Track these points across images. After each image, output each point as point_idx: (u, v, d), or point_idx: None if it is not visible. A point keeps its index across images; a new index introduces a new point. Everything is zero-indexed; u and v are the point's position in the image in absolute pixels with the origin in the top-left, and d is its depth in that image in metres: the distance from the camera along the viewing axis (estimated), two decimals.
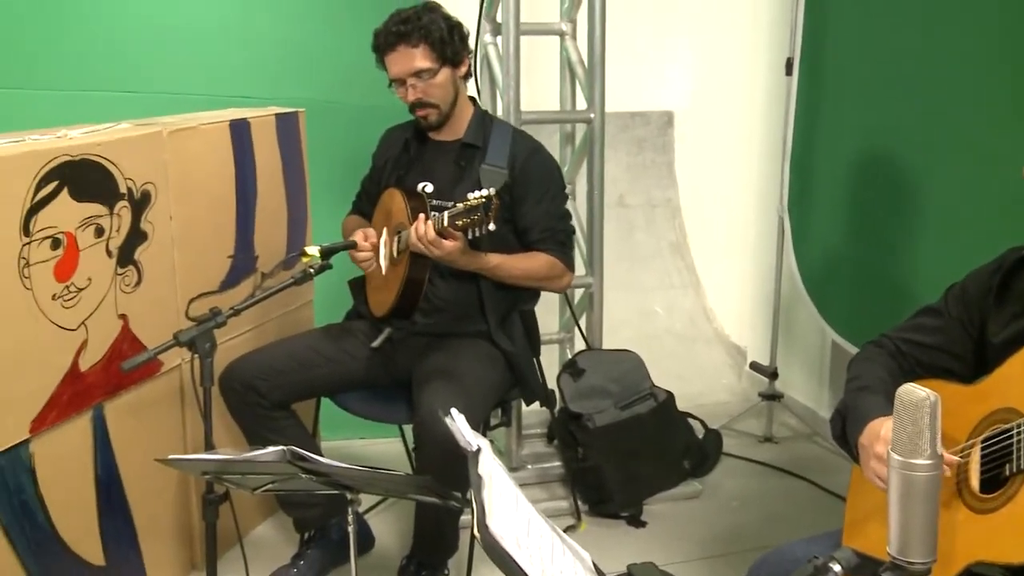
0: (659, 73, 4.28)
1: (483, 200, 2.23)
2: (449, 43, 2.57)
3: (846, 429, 1.72)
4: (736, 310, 4.35)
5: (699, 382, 4.08)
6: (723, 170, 4.32)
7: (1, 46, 3.19)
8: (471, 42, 2.70)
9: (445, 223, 2.32)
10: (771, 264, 3.69)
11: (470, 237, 2.33)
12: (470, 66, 2.69)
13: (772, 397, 3.74)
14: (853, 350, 2.46)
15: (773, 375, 3.74)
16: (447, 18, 2.60)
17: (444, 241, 2.36)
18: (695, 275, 4.44)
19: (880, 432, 1.60)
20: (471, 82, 2.82)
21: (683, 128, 4.38)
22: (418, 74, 2.56)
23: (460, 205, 2.28)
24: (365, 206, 2.90)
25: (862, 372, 1.77)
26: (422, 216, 2.40)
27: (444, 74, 2.58)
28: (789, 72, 3.42)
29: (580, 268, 3.20)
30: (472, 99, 2.75)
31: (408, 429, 2.67)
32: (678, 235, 4.43)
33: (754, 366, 3.87)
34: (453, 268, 2.52)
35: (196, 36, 3.35)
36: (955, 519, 1.51)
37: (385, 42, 2.56)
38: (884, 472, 1.46)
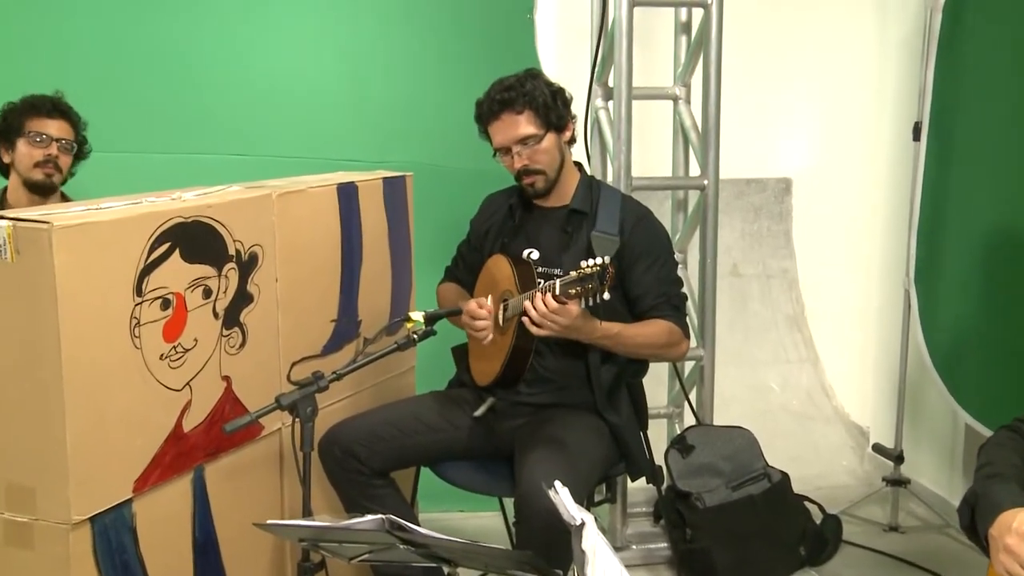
0: (776, 138, 4.27)
1: (598, 268, 2.22)
2: (553, 108, 2.61)
3: (975, 519, 1.67)
4: (857, 387, 4.24)
5: (817, 463, 4.00)
6: (844, 239, 4.26)
7: (122, 111, 3.37)
8: (582, 107, 2.75)
9: (557, 291, 2.31)
10: (896, 339, 3.60)
11: (583, 308, 2.34)
12: (574, 131, 2.73)
13: (898, 482, 3.63)
14: (988, 434, 2.38)
15: (899, 458, 3.62)
16: (549, 84, 2.65)
17: (567, 306, 2.34)
18: (813, 349, 4.36)
19: (1012, 524, 1.55)
20: (581, 147, 2.87)
21: (801, 195, 4.34)
22: (523, 141, 2.60)
23: (573, 273, 2.27)
24: (462, 273, 2.94)
25: (994, 458, 1.72)
26: (537, 294, 2.39)
27: (549, 140, 2.62)
28: (917, 137, 3.37)
29: (691, 339, 3.18)
30: (578, 165, 2.79)
31: (509, 503, 2.67)
32: (795, 307, 4.36)
33: (877, 448, 3.76)
34: (562, 338, 2.50)
35: (305, 100, 3.52)
36: None
37: (489, 110, 2.61)
38: (1016, 568, 1.41)
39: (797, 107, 4.21)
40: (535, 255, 2.70)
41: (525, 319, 2.42)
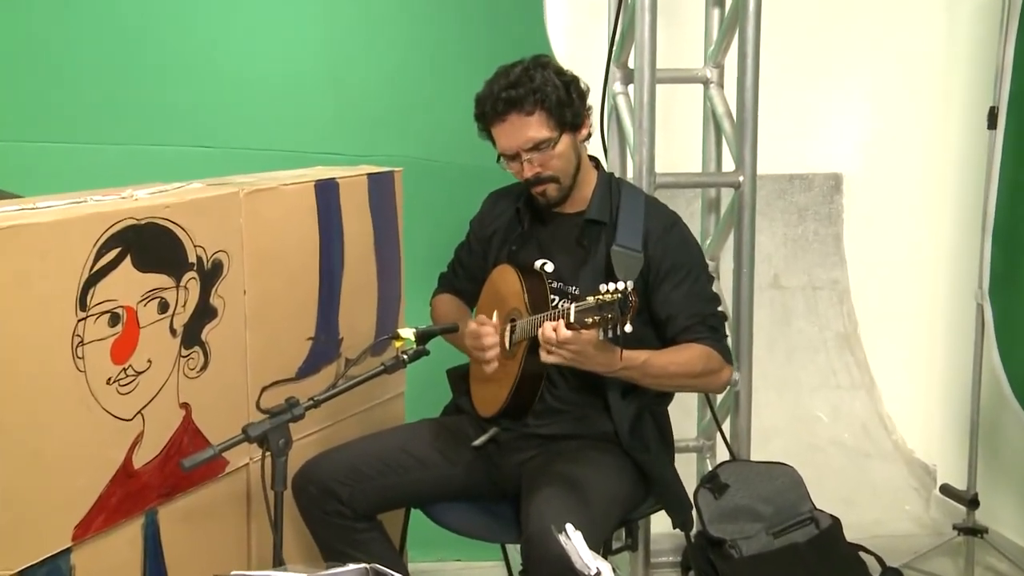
0: (824, 127, 4.26)
1: (619, 296, 2.19)
2: (568, 104, 2.57)
3: None
4: (921, 418, 4.23)
5: (874, 507, 3.98)
6: (904, 245, 4.26)
7: (66, 97, 3.40)
8: (597, 93, 2.74)
9: (572, 318, 2.27)
10: (967, 361, 3.60)
11: (601, 339, 2.28)
12: (591, 125, 2.71)
13: (972, 531, 3.61)
14: None
15: (972, 503, 3.61)
16: (561, 72, 2.61)
17: (581, 334, 2.30)
18: (868, 373, 4.35)
19: None
20: (596, 138, 2.86)
21: (854, 194, 4.33)
22: (535, 146, 2.57)
23: (590, 299, 2.23)
24: (461, 282, 2.95)
25: None
26: (547, 323, 2.37)
27: (564, 142, 2.59)
28: (992, 125, 3.37)
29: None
30: (595, 161, 2.78)
31: (514, 550, 2.67)
32: (847, 324, 4.35)
33: (947, 490, 3.76)
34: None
35: (278, 83, 3.56)
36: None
37: (493, 111, 2.57)
38: None
39: (849, 90, 4.20)
40: (549, 267, 2.70)
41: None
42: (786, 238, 4.31)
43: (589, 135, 2.71)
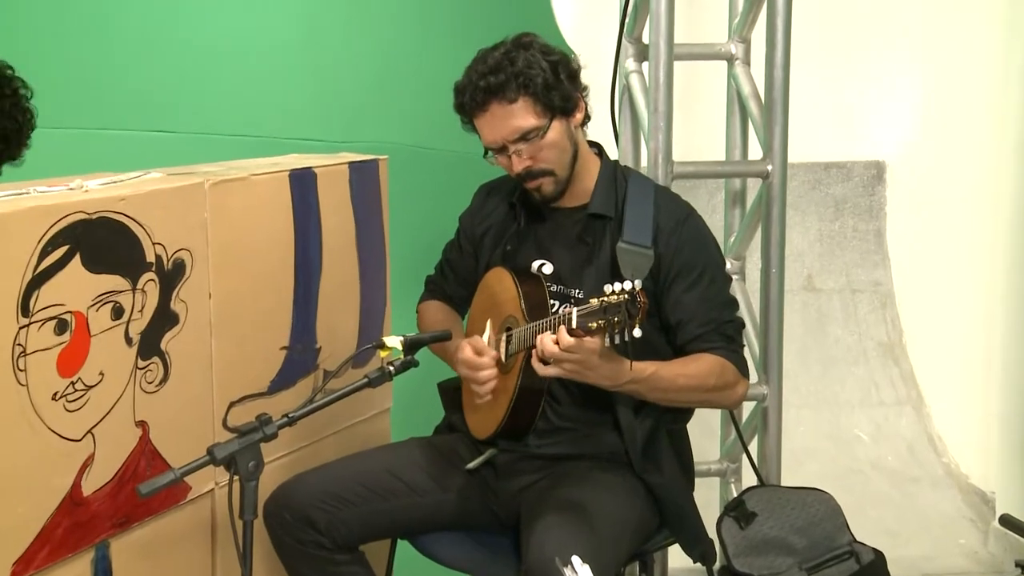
0: (865, 109, 4.33)
1: (625, 296, 2.20)
2: (556, 87, 2.58)
3: None
4: (977, 439, 4.24)
5: (923, 540, 3.99)
6: (956, 242, 4.27)
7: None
8: (607, 71, 2.73)
9: (574, 323, 2.28)
10: None
11: (607, 346, 2.30)
12: (588, 107, 2.71)
13: None
14: None
15: None
16: (547, 51, 2.61)
17: (584, 341, 2.31)
18: (915, 388, 4.38)
19: None
20: (607, 122, 2.86)
21: (899, 184, 4.37)
22: (523, 136, 2.58)
23: (594, 301, 2.24)
24: (452, 286, 2.96)
25: None
26: (546, 333, 2.37)
27: (556, 129, 2.60)
28: None
29: (751, 374, 3.18)
30: (597, 148, 2.79)
31: None
32: (891, 332, 4.37)
33: (1007, 521, 3.75)
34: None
35: (249, 61, 3.57)
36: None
37: (472, 101, 2.59)
38: None
39: (893, 66, 4.25)
40: (548, 268, 2.72)
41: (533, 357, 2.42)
42: (821, 234, 4.37)
43: (587, 119, 2.72)
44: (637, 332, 2.20)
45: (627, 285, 2.21)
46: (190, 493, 2.53)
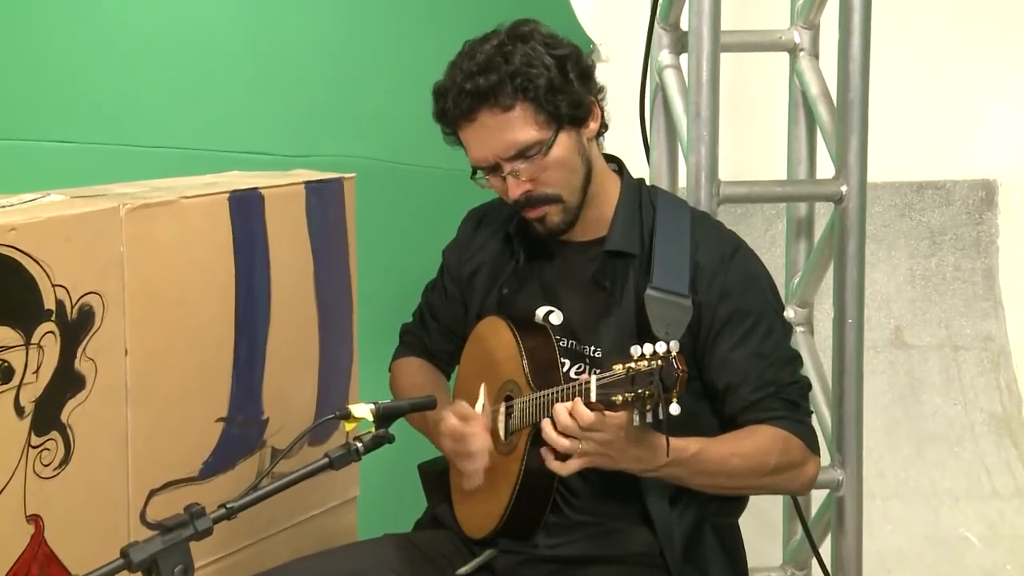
0: (968, 117, 4.30)
1: (659, 363, 2.18)
2: (563, 90, 2.53)
3: None
4: None
5: None
6: None
7: None
8: (636, 65, 2.77)
9: (593, 396, 2.26)
10: None
11: (636, 424, 2.26)
12: (604, 114, 2.66)
13: None
14: None
15: None
16: (551, 43, 2.56)
17: (607, 417, 2.28)
18: None
19: None
20: (636, 128, 2.88)
21: (1014, 210, 4.37)
22: (521, 153, 2.55)
23: (618, 368, 2.19)
24: (435, 340, 2.92)
25: None
26: (557, 406, 2.35)
27: (563, 144, 2.55)
28: None
29: (822, 455, 3.19)
30: (616, 163, 2.74)
31: None
32: (1005, 401, 4.36)
33: None
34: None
35: (181, 59, 3.49)
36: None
37: (456, 107, 2.53)
38: None
39: (1004, 65, 4.25)
40: (556, 318, 2.66)
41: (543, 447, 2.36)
42: (913, 274, 4.35)
43: (603, 129, 2.66)
44: (675, 409, 2.16)
45: (660, 348, 2.17)
46: None
